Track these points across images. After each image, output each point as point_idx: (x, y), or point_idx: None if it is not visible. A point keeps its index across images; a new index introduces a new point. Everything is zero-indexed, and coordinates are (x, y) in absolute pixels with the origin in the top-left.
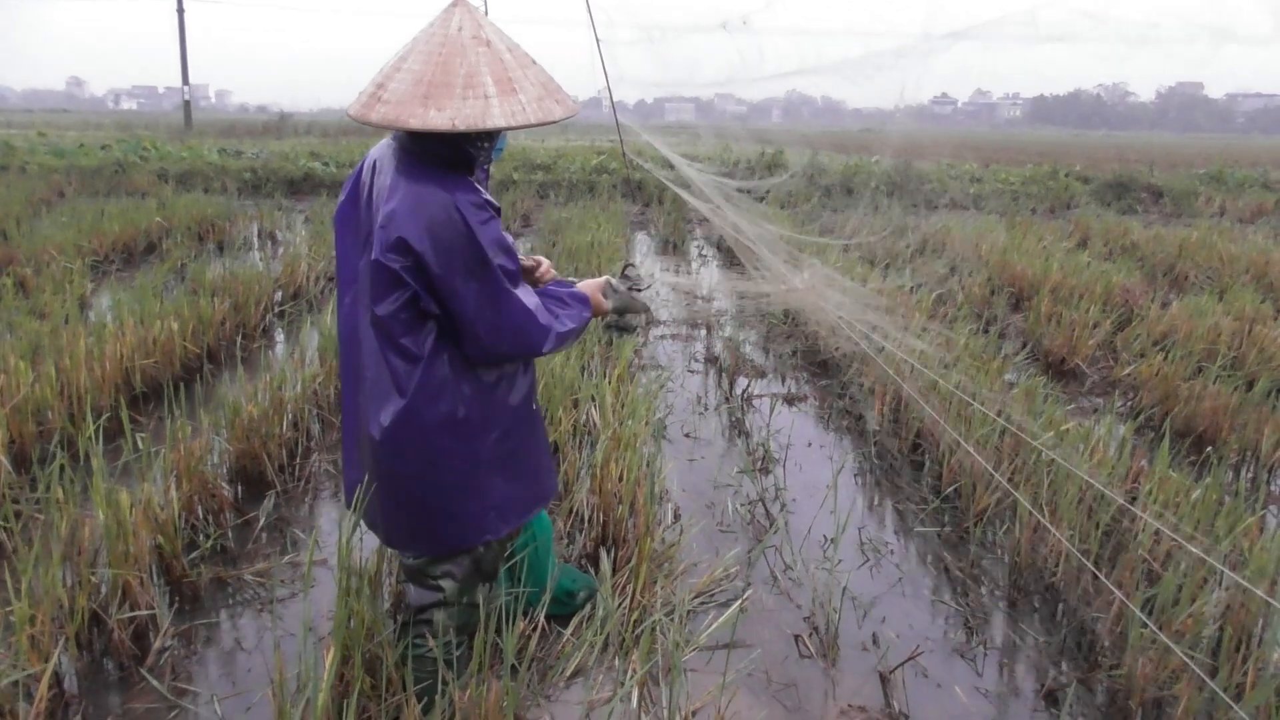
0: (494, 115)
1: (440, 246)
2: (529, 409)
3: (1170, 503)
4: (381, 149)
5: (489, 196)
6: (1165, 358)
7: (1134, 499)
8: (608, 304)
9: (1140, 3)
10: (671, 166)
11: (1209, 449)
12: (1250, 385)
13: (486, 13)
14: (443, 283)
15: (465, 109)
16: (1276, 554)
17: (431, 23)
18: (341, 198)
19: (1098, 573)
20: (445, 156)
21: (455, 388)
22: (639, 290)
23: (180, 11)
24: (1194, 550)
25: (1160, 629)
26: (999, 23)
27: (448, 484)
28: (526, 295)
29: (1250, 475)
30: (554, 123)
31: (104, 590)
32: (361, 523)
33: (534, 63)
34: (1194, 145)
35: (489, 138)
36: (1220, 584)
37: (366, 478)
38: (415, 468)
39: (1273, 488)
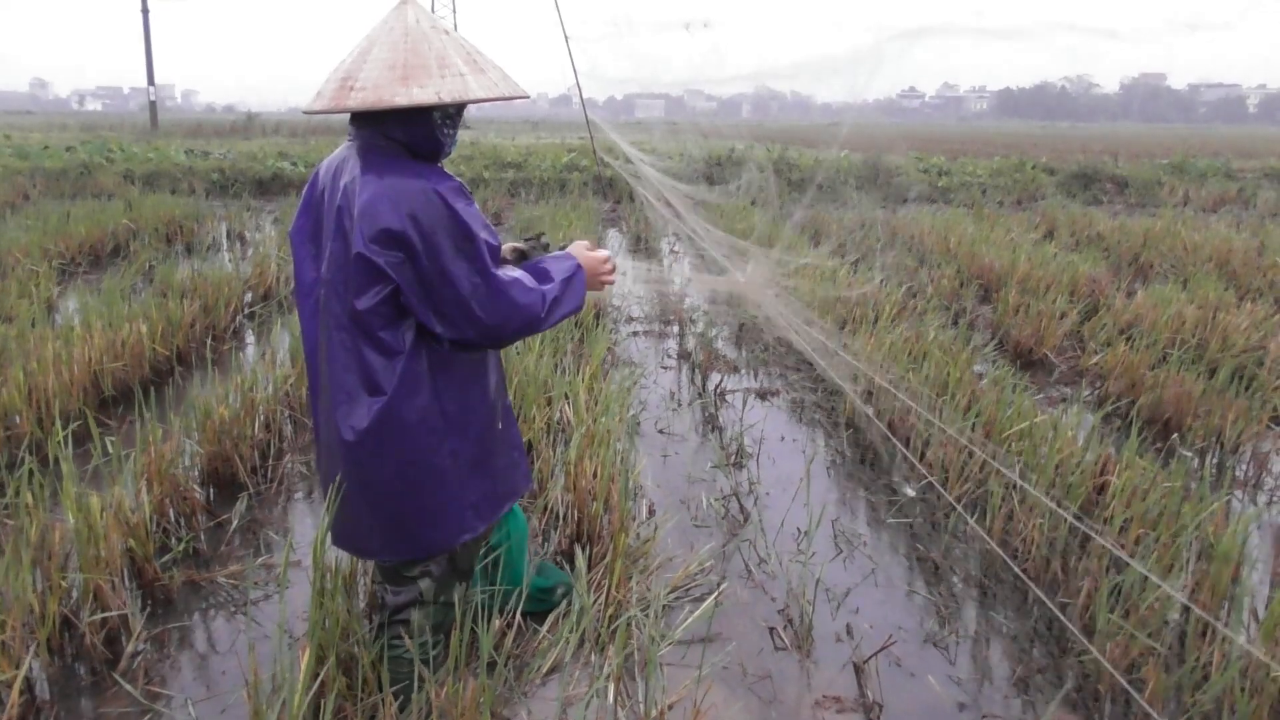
0: (473, 88)
1: (424, 231)
2: (503, 403)
3: (1139, 490)
4: (338, 156)
5: (462, 182)
6: (1131, 346)
7: (1103, 487)
8: (599, 254)
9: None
10: (635, 166)
11: (1175, 435)
12: (1213, 372)
13: (455, 10)
14: (432, 266)
15: (446, 84)
16: (1241, 539)
17: (385, 19)
18: (296, 217)
19: (1043, 595)
20: (414, 146)
21: (433, 384)
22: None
23: (145, 11)
24: (1138, 568)
25: (1127, 614)
26: (947, 27)
27: (427, 484)
28: (510, 270)
29: (1215, 461)
30: (523, 98)
31: (75, 594)
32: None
33: (484, 53)
34: (1157, 135)
35: (453, 125)
36: (1187, 570)
37: (339, 487)
38: (393, 468)
39: (1237, 473)
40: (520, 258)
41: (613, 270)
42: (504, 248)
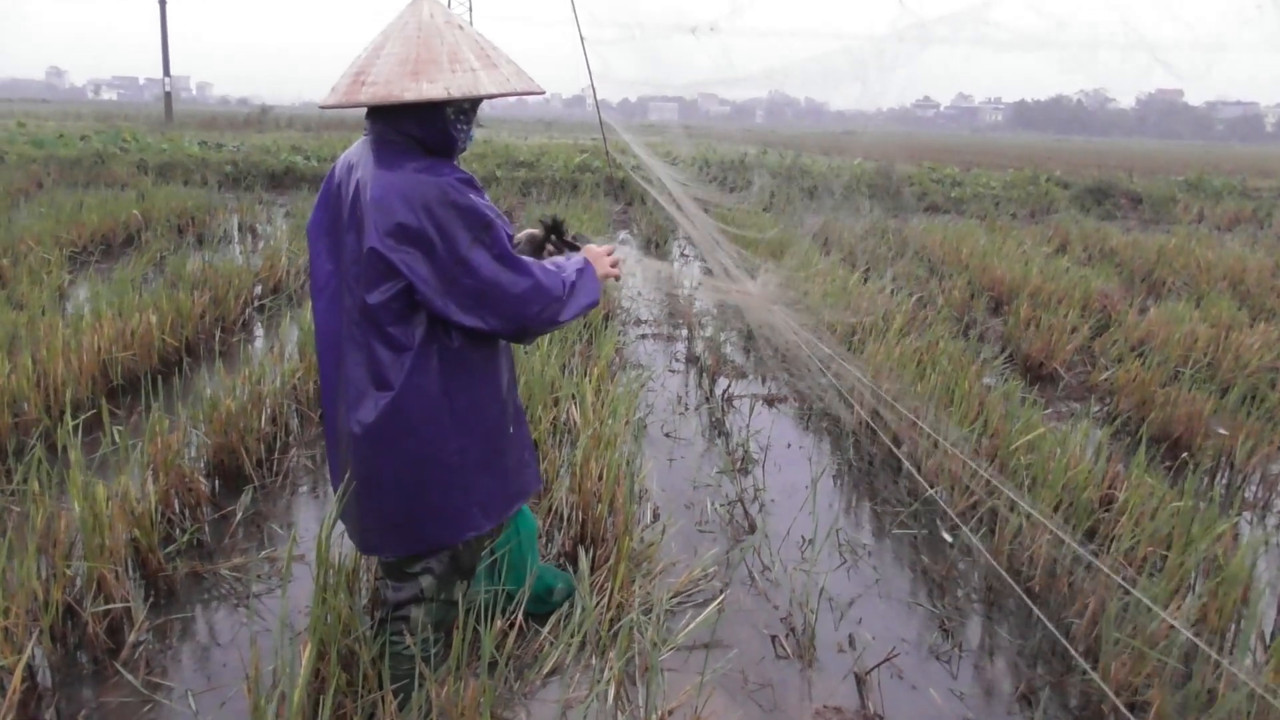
0: (484, 83)
1: (439, 223)
2: (513, 402)
3: (1147, 509)
4: (353, 151)
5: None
6: (1142, 363)
7: (1110, 503)
8: (609, 257)
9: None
10: (647, 169)
11: (1184, 454)
12: (1225, 391)
13: (471, 9)
14: (451, 257)
15: (456, 80)
16: (1250, 560)
17: (400, 15)
18: (313, 211)
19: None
20: (427, 141)
21: (443, 382)
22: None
23: (162, 2)
24: (1140, 596)
25: (1134, 634)
26: (954, 19)
27: (433, 480)
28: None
29: (1225, 481)
30: (537, 94)
31: (79, 583)
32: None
33: (498, 48)
34: (1173, 152)
35: (467, 120)
36: (1194, 591)
37: (346, 479)
38: (400, 463)
39: (1247, 494)
40: (535, 249)
41: (616, 264)
42: (520, 235)
